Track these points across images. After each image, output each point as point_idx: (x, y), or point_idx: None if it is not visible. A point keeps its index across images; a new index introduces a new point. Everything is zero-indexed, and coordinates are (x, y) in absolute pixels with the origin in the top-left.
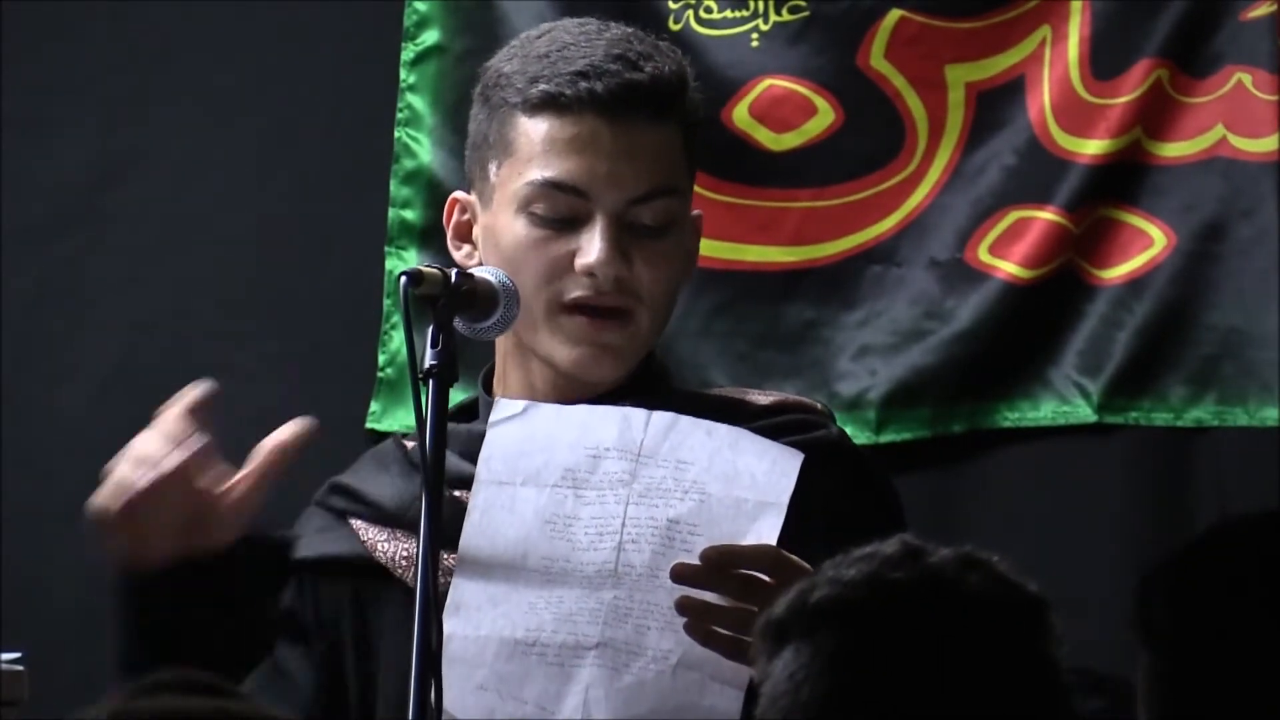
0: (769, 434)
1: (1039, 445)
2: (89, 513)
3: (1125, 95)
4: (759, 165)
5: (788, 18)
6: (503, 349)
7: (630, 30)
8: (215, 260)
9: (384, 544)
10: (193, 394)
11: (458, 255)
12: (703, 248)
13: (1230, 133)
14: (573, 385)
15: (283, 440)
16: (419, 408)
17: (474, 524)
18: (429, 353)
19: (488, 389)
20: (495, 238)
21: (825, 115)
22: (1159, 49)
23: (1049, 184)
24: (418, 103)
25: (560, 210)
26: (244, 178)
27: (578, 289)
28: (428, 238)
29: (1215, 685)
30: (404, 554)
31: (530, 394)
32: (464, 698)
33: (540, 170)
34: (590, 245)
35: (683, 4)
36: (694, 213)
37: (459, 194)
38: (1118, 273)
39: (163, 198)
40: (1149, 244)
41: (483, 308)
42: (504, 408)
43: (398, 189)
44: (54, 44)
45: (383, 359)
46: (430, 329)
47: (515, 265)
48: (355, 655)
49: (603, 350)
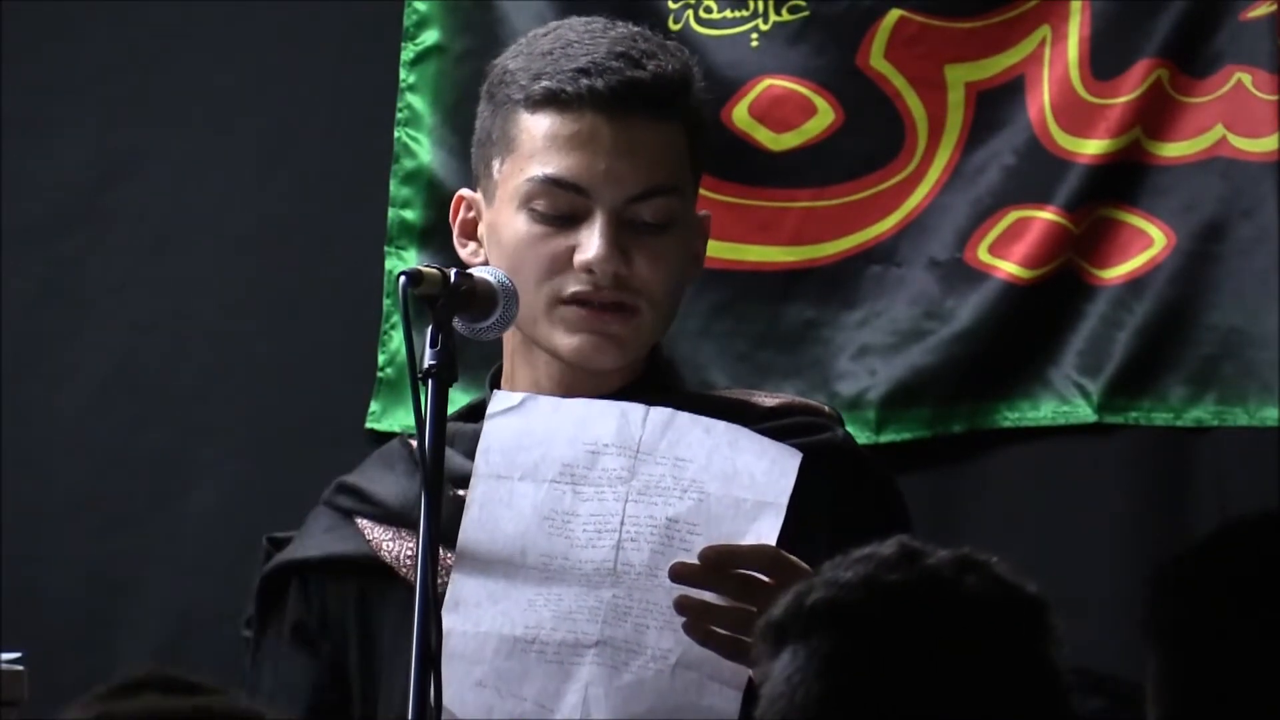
0: (775, 436)
1: (1039, 445)
2: None
3: (1125, 95)
4: (759, 165)
5: (787, 18)
6: (510, 347)
7: (637, 29)
8: (215, 260)
9: (389, 543)
10: None
11: (463, 252)
12: None
13: (1230, 133)
14: (580, 380)
15: None
16: (418, 407)
17: (473, 519)
18: (428, 352)
19: (496, 389)
20: (497, 234)
21: (825, 115)
22: (1159, 49)
23: (1049, 184)
24: (418, 103)
25: (560, 207)
26: (244, 178)
27: (576, 285)
28: (428, 238)
29: (1224, 685)
30: (408, 553)
31: (537, 391)
32: (463, 694)
33: (541, 167)
34: (589, 242)
35: (682, 4)
36: (701, 213)
37: (465, 191)
38: (1118, 273)
39: (163, 198)
40: (1149, 244)
41: (482, 307)
42: (501, 400)
43: (397, 189)
44: (54, 44)
45: (382, 359)
46: (429, 329)
47: (516, 261)
48: (359, 654)
49: (604, 338)
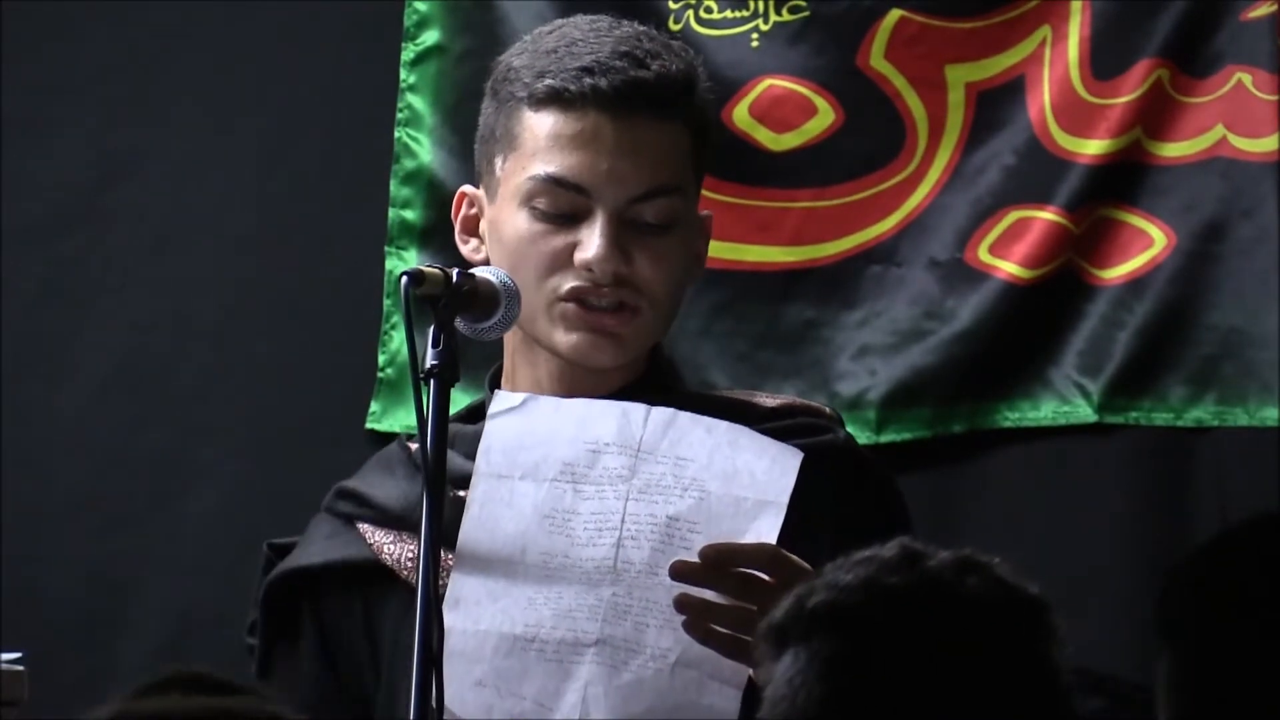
0: (776, 437)
1: (1039, 445)
2: None
3: (1125, 95)
4: (759, 165)
5: (788, 18)
6: (510, 346)
7: (642, 29)
8: (215, 260)
9: (390, 546)
10: None
11: (465, 249)
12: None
13: (1230, 133)
14: (580, 378)
15: None
16: (420, 408)
17: (473, 518)
18: (430, 353)
19: (495, 389)
20: (499, 231)
21: (825, 115)
22: (1159, 49)
23: (1049, 184)
24: (418, 103)
25: (561, 206)
26: (244, 178)
27: (576, 282)
28: (428, 238)
29: (1235, 686)
30: (409, 556)
31: (538, 390)
32: (462, 693)
33: (543, 165)
34: (590, 241)
35: (683, 4)
36: (703, 213)
37: (467, 188)
38: (1118, 273)
39: (163, 198)
40: (1149, 244)
41: (484, 307)
42: (503, 400)
43: (398, 189)
44: (54, 44)
45: (383, 359)
46: (431, 329)
47: (516, 259)
48: (362, 657)
49: (603, 336)
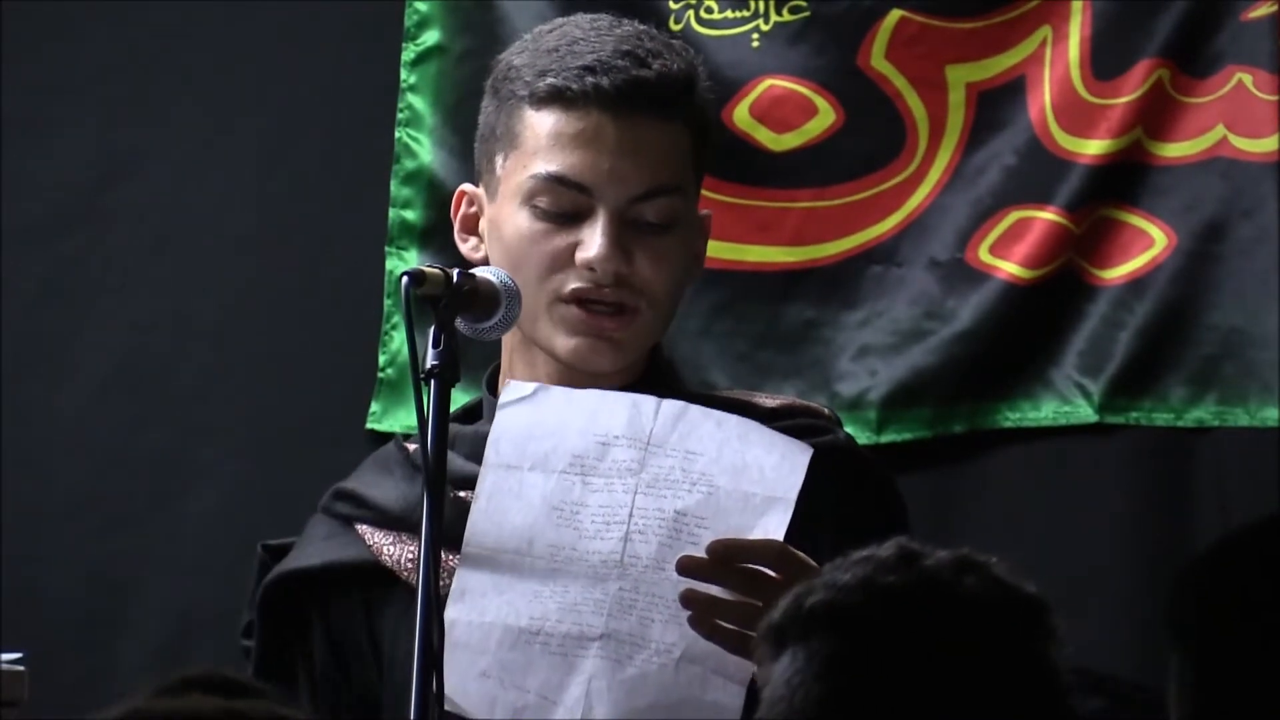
0: None
1: (1040, 445)
2: None
3: (1126, 95)
4: (759, 165)
5: (788, 18)
6: (509, 345)
7: (643, 28)
8: (215, 260)
9: (390, 547)
10: None
11: (464, 247)
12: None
13: (1231, 133)
14: (578, 380)
15: None
16: (420, 408)
17: (481, 508)
18: (430, 353)
19: (492, 390)
20: (499, 230)
21: (826, 115)
22: (1160, 49)
23: (1050, 184)
24: (418, 103)
25: (563, 205)
26: (244, 178)
27: (577, 282)
28: (428, 238)
29: (1247, 687)
30: (410, 557)
31: None
32: (466, 685)
33: (544, 164)
34: (591, 240)
35: (683, 4)
36: (703, 213)
37: (467, 186)
38: (1118, 273)
39: (163, 198)
40: (1150, 244)
41: (484, 308)
42: (514, 390)
43: (398, 189)
44: (54, 44)
45: (383, 359)
46: (432, 329)
47: (517, 258)
48: (366, 659)
49: (602, 340)
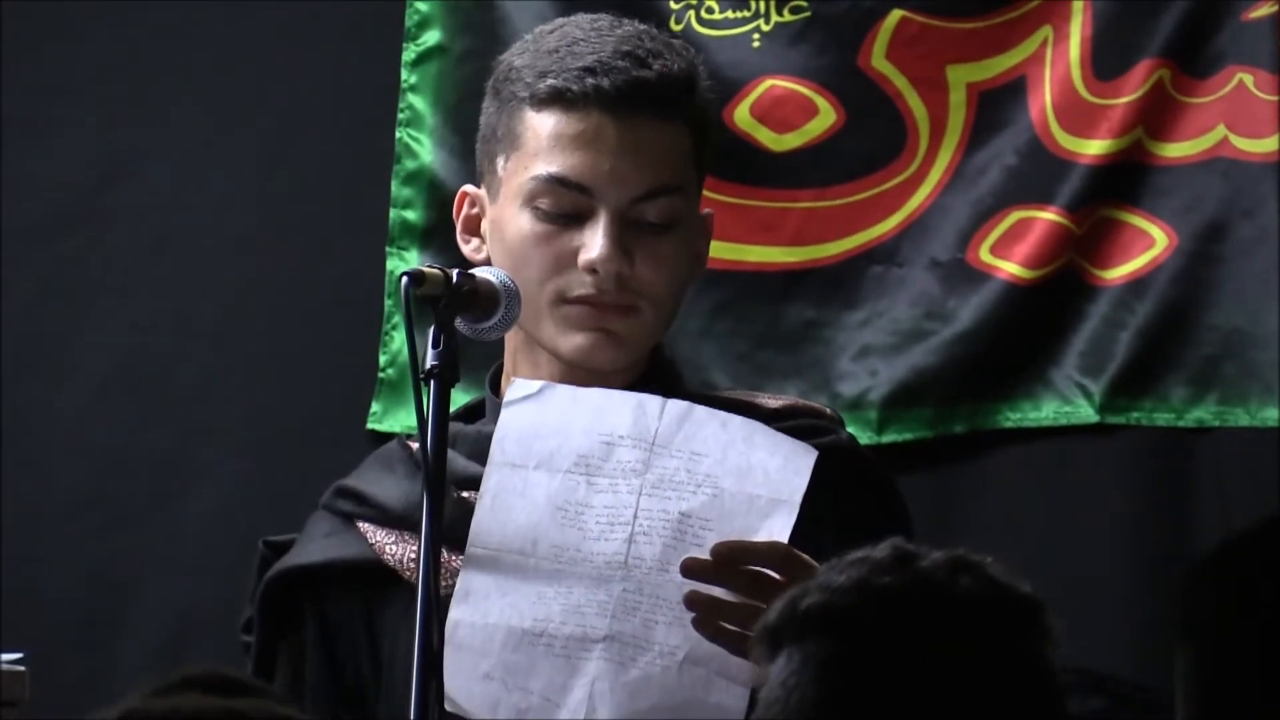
0: None
1: (1040, 445)
2: None
3: (1127, 95)
4: (760, 166)
5: (789, 18)
6: (512, 345)
7: (644, 28)
8: (215, 260)
9: (392, 546)
10: None
11: (466, 249)
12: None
13: (1231, 133)
14: (580, 380)
15: None
16: (420, 408)
17: (486, 507)
18: (430, 353)
19: (495, 390)
20: (500, 231)
21: (826, 116)
22: (1160, 49)
23: (1050, 184)
24: (419, 103)
25: (564, 206)
26: (244, 178)
27: (580, 285)
28: (429, 238)
29: (1254, 688)
30: (412, 556)
31: None
32: (469, 686)
33: (545, 165)
34: (593, 241)
35: (684, 4)
36: (704, 212)
37: (468, 187)
38: (1119, 273)
39: (163, 198)
40: (1150, 244)
41: (484, 308)
42: (520, 387)
43: (399, 189)
44: (54, 44)
45: (384, 359)
46: (432, 329)
47: (519, 259)
48: (364, 657)
49: (605, 336)
